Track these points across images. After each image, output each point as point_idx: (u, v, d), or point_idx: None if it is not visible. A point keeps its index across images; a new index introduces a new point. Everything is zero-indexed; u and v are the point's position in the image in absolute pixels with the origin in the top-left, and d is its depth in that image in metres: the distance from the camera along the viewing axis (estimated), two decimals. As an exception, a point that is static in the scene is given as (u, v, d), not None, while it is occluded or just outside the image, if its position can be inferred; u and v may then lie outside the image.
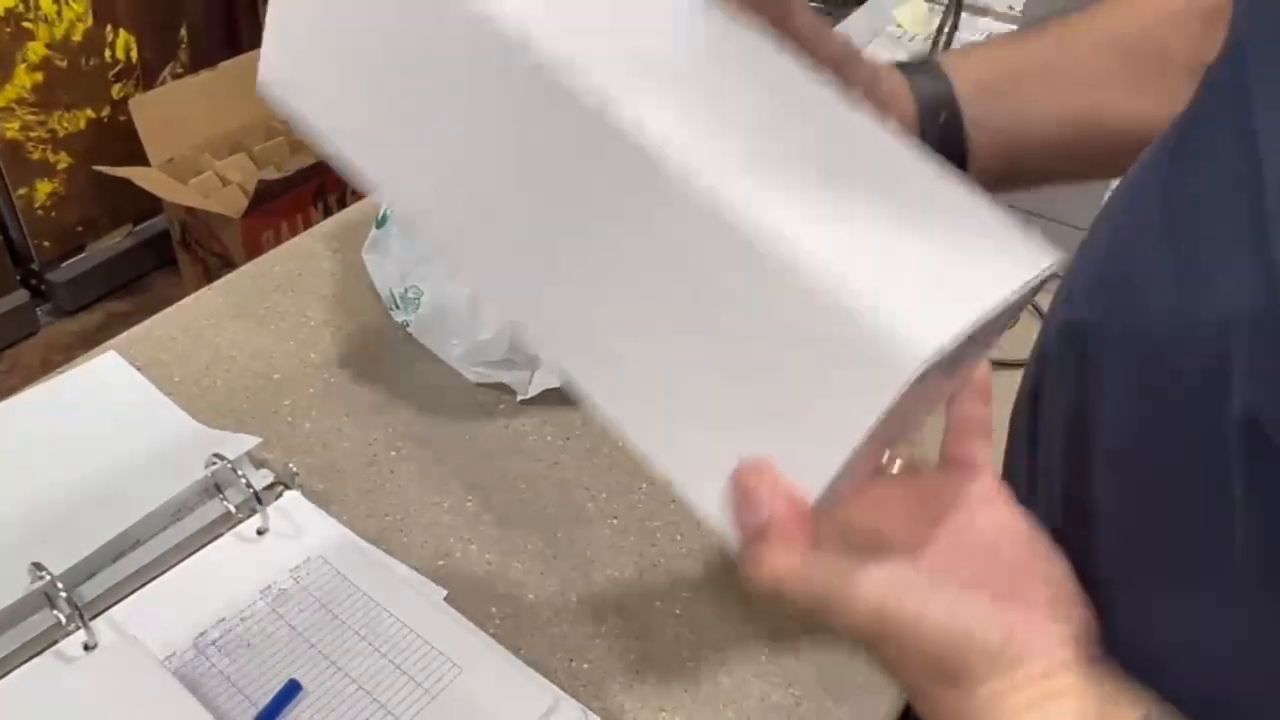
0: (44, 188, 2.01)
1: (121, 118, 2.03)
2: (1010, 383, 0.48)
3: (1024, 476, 0.46)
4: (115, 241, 2.17)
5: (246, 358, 0.77)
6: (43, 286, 2.10)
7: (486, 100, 0.30)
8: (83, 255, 2.13)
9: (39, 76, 1.92)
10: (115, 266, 2.16)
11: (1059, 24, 0.55)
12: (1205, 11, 0.52)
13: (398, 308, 0.78)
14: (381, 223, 0.77)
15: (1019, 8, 0.94)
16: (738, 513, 0.34)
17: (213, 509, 0.64)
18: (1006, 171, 0.54)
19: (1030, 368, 0.47)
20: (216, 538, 0.63)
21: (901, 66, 0.53)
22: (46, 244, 2.06)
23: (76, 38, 1.95)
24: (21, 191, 1.98)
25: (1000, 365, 0.56)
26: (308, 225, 0.83)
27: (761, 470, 0.33)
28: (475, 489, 0.70)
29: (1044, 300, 0.50)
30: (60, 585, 0.57)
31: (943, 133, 0.52)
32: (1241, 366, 0.31)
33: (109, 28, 1.99)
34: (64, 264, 2.11)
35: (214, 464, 0.64)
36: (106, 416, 0.71)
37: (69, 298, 2.11)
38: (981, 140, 0.52)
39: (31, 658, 0.56)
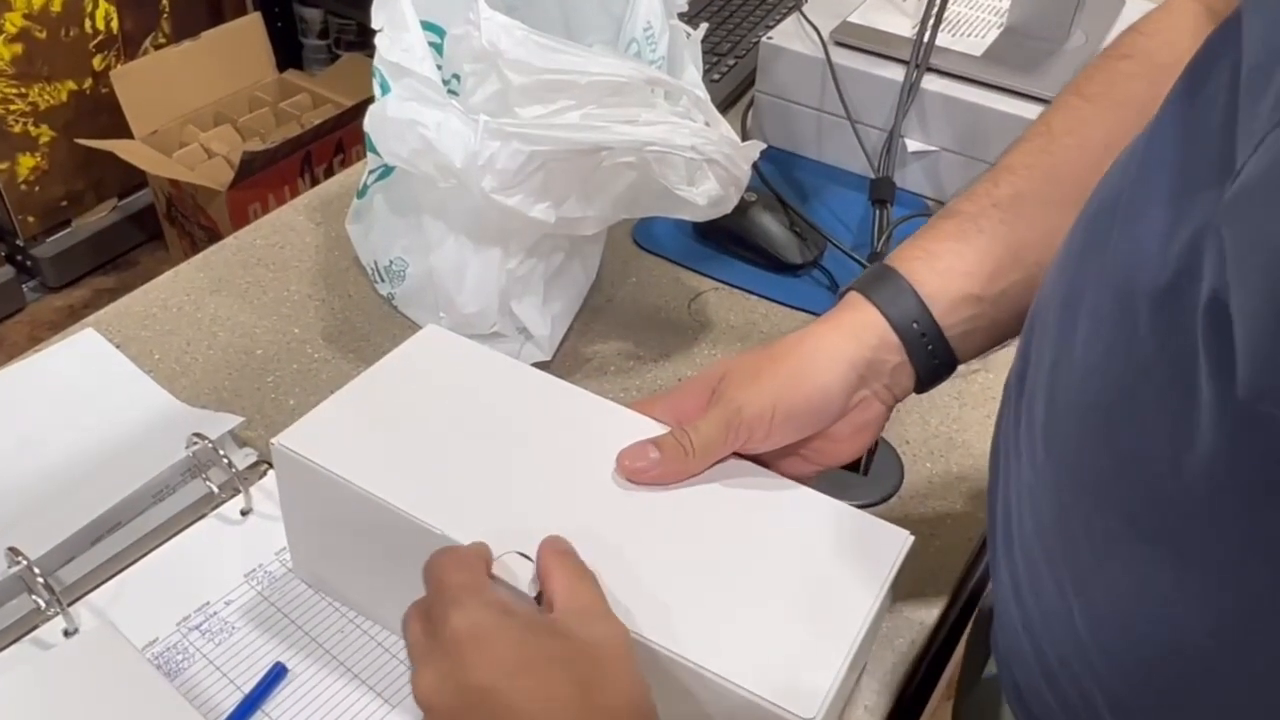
0: (26, 162, 1.98)
1: (103, 89, 2.00)
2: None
3: (1011, 431, 0.45)
4: (101, 216, 2.14)
5: (228, 334, 0.75)
6: (28, 262, 2.07)
7: (381, 544, 0.52)
8: (68, 230, 2.10)
9: (18, 48, 1.89)
10: (101, 241, 2.13)
11: (1001, 202, 0.53)
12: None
13: (382, 280, 0.76)
14: (363, 192, 0.75)
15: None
16: None
17: (195, 490, 0.63)
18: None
19: (1024, 329, 0.46)
20: (199, 519, 0.62)
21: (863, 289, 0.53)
22: (31, 219, 2.03)
23: (55, 8, 1.91)
24: (3, 166, 1.95)
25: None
26: (295, 197, 0.82)
27: None
28: (464, 465, 0.69)
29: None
30: (37, 570, 0.55)
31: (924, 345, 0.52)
32: (1211, 258, 0.29)
33: (88, -3, 1.96)
34: (49, 239, 2.08)
35: (195, 444, 0.62)
36: (84, 396, 0.69)
37: (55, 274, 2.08)
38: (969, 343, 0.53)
39: (10, 644, 0.55)
